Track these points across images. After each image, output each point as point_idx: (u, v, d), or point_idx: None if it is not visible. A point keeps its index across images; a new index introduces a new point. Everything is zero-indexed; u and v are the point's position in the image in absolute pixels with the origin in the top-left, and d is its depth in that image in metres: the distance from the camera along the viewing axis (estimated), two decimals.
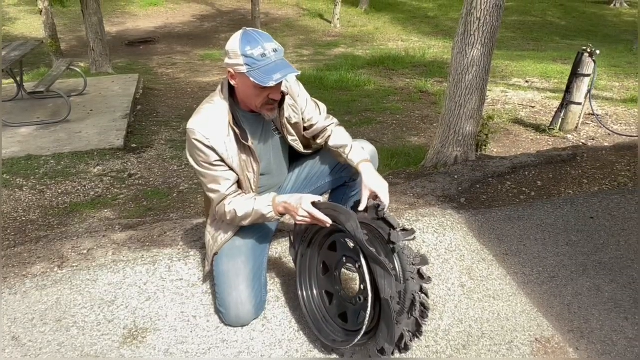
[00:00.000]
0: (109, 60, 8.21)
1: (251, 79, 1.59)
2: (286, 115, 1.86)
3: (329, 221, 1.62)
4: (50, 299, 2.00)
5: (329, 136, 1.97)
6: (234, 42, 1.61)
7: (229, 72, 1.68)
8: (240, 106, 1.79)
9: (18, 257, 2.32)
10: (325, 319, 1.77)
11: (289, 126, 1.89)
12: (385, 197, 1.72)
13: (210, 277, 2.09)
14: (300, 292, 1.83)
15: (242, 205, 1.77)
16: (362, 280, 1.58)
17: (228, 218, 1.80)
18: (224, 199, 1.79)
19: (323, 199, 1.86)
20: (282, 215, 1.77)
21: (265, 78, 1.57)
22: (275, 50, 1.61)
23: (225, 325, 1.85)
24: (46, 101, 5.82)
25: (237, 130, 1.73)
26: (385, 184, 1.76)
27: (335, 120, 2.02)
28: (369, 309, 1.50)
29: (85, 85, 6.32)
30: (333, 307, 1.78)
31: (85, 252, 2.34)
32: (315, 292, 1.83)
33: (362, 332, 1.53)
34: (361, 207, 1.70)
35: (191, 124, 1.73)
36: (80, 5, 7.88)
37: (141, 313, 1.93)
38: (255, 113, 1.79)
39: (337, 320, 1.76)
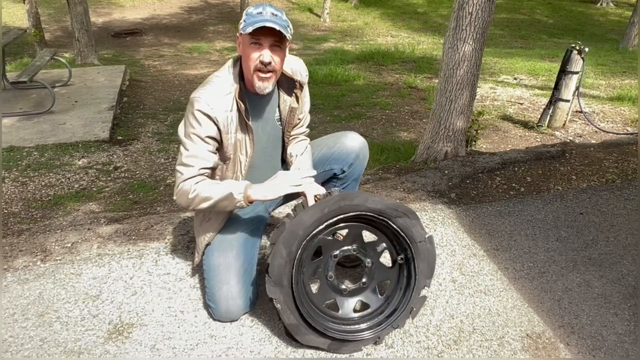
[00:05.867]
0: (94, 51, 8.05)
1: (241, 31, 1.64)
2: (299, 105, 1.89)
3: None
4: (33, 293, 1.95)
5: (295, 142, 2.01)
6: None
7: (237, 37, 1.73)
8: (247, 85, 1.77)
9: (0, 250, 2.25)
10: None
11: (294, 117, 1.90)
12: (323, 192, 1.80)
13: (198, 270, 2.05)
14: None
15: (209, 185, 1.70)
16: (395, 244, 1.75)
17: (189, 197, 1.70)
18: (192, 177, 1.70)
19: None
20: (250, 202, 1.73)
21: (249, 26, 1.59)
22: (273, 14, 1.63)
23: (215, 320, 1.82)
24: (29, 92, 5.68)
25: (241, 106, 1.71)
26: (322, 188, 1.83)
27: (307, 130, 2.07)
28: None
29: (70, 76, 6.19)
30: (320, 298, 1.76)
31: (69, 245, 2.29)
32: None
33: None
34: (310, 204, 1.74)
35: (197, 93, 1.71)
36: None
37: (127, 308, 1.88)
38: (260, 96, 1.77)
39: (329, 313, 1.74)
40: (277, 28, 1.58)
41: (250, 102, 1.79)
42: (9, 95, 5.61)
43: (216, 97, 1.69)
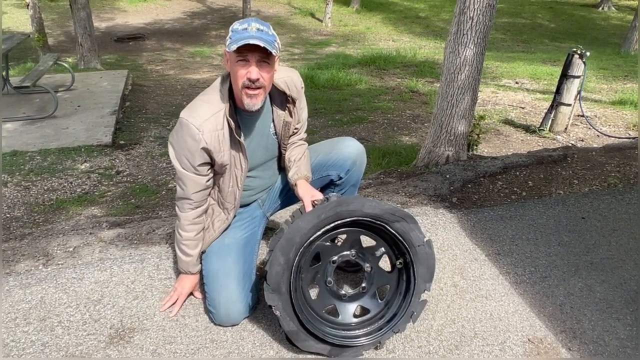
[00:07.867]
0: (97, 55, 8.08)
1: (226, 49, 1.62)
2: (293, 118, 1.87)
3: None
4: (35, 297, 1.95)
5: (292, 147, 1.99)
6: None
7: (224, 54, 1.70)
8: (237, 103, 1.76)
9: (1, 254, 2.26)
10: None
11: (289, 130, 1.89)
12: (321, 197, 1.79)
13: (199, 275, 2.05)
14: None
15: (186, 240, 1.85)
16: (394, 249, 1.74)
17: (178, 221, 1.85)
18: (187, 198, 1.79)
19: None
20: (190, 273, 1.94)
21: (234, 44, 1.56)
22: (259, 30, 1.60)
23: (215, 324, 1.82)
24: (32, 96, 5.71)
25: (232, 123, 1.70)
26: (320, 194, 1.82)
27: (305, 135, 2.06)
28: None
29: (73, 81, 6.22)
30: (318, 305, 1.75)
31: (71, 249, 2.29)
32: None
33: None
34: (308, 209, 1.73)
35: (186, 113, 1.70)
36: (68, 0, 7.75)
37: (128, 312, 1.88)
38: (251, 113, 1.76)
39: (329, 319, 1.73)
40: (262, 45, 1.54)
41: (242, 119, 1.78)
42: (12, 99, 5.64)
43: (205, 117, 1.68)
